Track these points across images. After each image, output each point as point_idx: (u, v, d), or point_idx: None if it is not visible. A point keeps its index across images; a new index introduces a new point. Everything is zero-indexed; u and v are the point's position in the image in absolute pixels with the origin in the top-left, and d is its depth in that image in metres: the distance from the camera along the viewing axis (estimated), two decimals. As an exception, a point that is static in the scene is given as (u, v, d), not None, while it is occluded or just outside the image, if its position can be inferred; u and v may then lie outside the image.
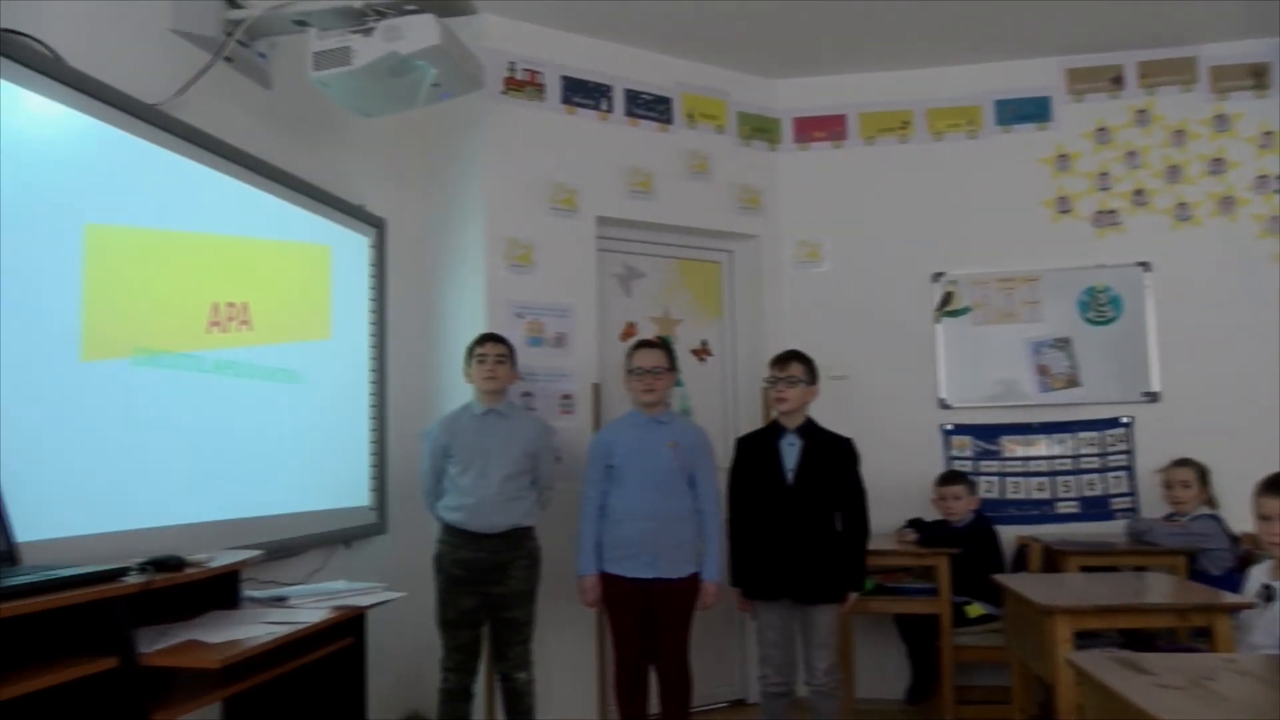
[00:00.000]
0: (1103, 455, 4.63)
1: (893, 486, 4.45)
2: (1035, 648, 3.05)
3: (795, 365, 3.55)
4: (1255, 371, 4.42)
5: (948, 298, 4.81)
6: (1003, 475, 4.70)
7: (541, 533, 3.59)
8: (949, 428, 4.75)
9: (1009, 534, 4.50)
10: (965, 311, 4.79)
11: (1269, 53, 4.60)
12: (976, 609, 4.14)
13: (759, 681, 3.60)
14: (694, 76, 4.75)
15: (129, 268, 2.63)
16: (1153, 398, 4.58)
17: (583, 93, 4.46)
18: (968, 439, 4.74)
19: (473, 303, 4.17)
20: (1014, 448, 4.71)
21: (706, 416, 4.57)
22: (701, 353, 4.86)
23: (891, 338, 4.79)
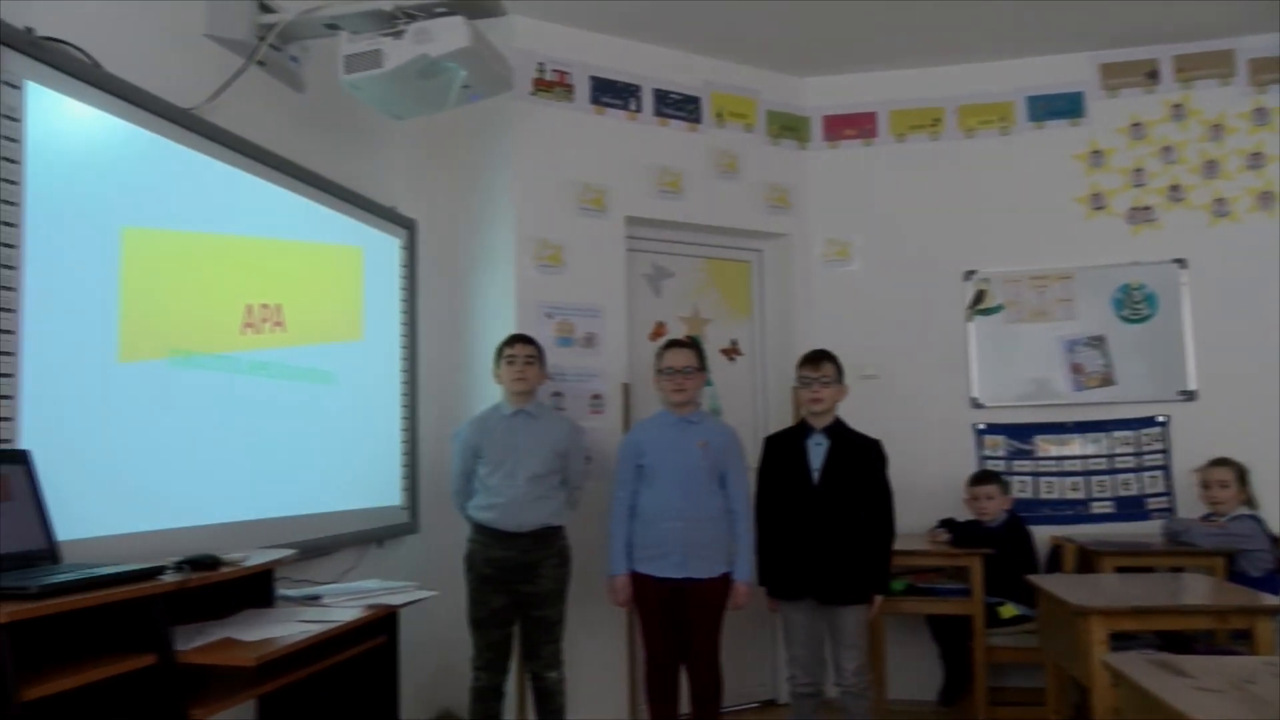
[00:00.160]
0: (1138, 455, 4.57)
1: (925, 487, 4.45)
2: (1070, 649, 3.02)
3: (828, 365, 3.54)
4: (1295, 370, 4.35)
5: (980, 296, 4.76)
6: (1036, 475, 4.65)
7: (571, 533, 3.60)
8: (982, 427, 4.71)
9: (1043, 534, 4.46)
10: (998, 310, 4.75)
11: (1309, 45, 4.52)
12: (1010, 610, 4.11)
13: (788, 682, 3.60)
14: (723, 75, 4.74)
15: (165, 270, 2.67)
16: (1189, 396, 4.51)
17: (611, 93, 4.47)
18: (1001, 438, 4.70)
19: (502, 303, 4.19)
20: (1048, 447, 4.66)
21: (736, 416, 4.56)
22: (731, 352, 4.85)
23: (923, 337, 4.76)
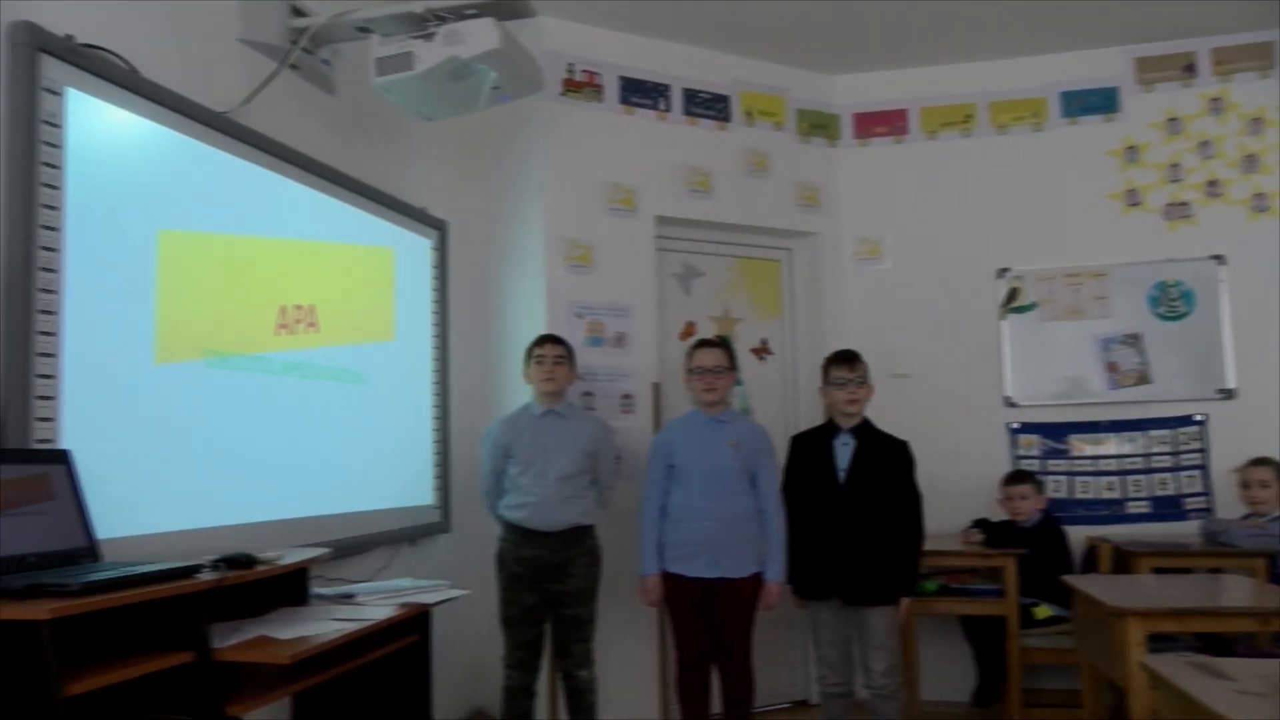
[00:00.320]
0: (1175, 454, 4.51)
1: (958, 486, 4.41)
2: (1106, 651, 2.98)
3: (861, 365, 3.55)
4: (1337, 367, 4.28)
5: (1013, 294, 4.72)
6: (1071, 474, 4.60)
7: (602, 532, 3.60)
8: (1015, 426, 4.66)
9: (1077, 534, 4.41)
10: (1031, 308, 4.70)
11: (1350, 36, 4.44)
12: (1044, 610, 4.07)
13: (817, 682, 3.60)
14: (752, 74, 4.72)
15: (200, 272, 2.70)
16: (1228, 395, 4.44)
17: (641, 93, 4.47)
18: (1035, 438, 4.65)
19: (533, 303, 4.20)
20: (1083, 446, 4.60)
21: (767, 415, 4.54)
22: (761, 351, 4.83)
23: (955, 335, 4.72)
